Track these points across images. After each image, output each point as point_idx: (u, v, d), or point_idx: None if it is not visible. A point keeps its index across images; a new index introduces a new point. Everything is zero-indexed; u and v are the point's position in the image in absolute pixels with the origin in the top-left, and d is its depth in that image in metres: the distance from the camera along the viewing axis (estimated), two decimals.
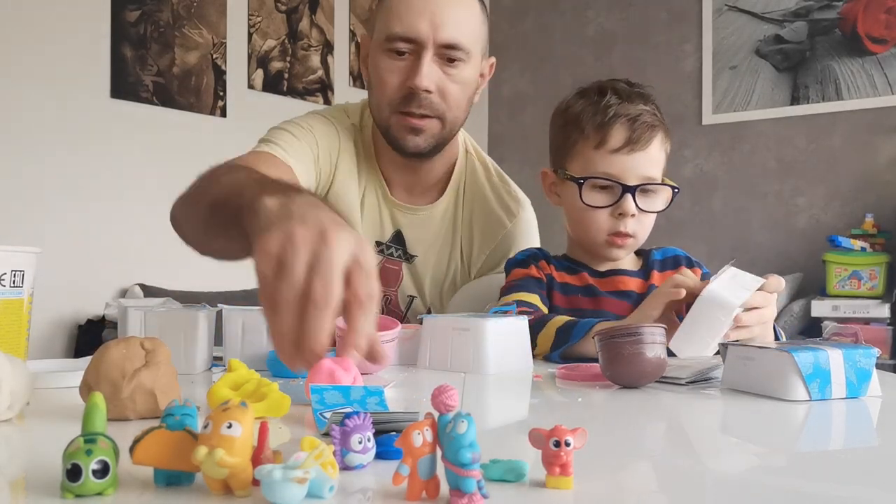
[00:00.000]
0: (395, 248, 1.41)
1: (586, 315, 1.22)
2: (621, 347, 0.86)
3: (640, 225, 1.23)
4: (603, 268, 1.28)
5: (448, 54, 1.28)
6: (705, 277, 1.26)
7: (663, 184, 1.24)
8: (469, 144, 1.50)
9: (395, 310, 1.42)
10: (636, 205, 1.21)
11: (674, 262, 1.30)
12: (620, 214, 1.21)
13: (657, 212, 1.25)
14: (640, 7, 4.54)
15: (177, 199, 1.09)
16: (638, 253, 1.32)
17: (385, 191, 1.40)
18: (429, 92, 1.28)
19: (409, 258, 1.42)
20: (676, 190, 1.25)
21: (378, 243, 1.41)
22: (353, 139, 1.40)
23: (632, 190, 1.20)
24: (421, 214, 1.42)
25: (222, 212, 0.84)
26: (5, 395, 0.65)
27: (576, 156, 1.25)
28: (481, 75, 1.39)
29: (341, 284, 0.61)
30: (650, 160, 1.21)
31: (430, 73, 1.27)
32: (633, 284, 1.27)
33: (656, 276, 1.27)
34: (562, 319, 1.11)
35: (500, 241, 1.43)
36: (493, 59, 1.42)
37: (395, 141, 1.33)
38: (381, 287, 1.45)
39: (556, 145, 1.30)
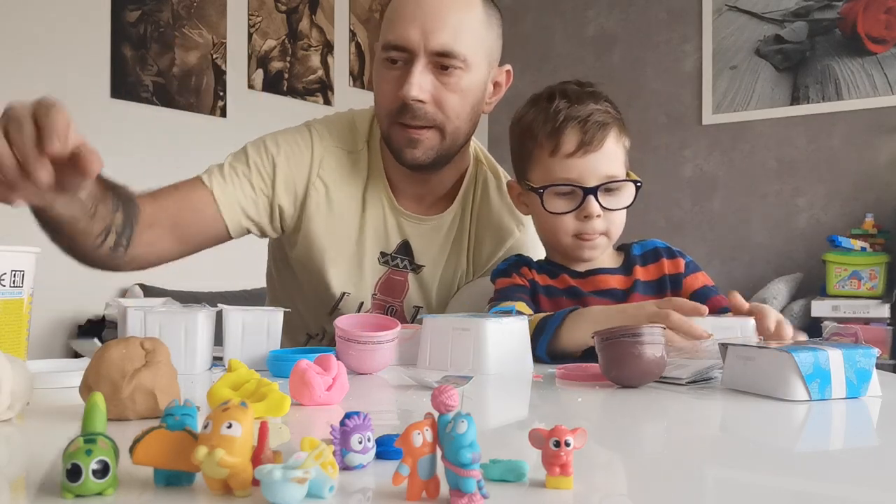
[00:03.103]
0: (401, 258, 1.38)
1: None
2: (623, 348, 0.86)
3: (609, 223, 1.22)
4: (582, 268, 1.27)
5: (441, 62, 1.24)
6: (688, 267, 1.27)
7: (624, 180, 1.23)
8: (480, 153, 1.48)
9: (401, 321, 1.40)
10: (600, 205, 1.20)
11: (654, 255, 1.29)
12: (586, 217, 1.21)
13: (624, 208, 1.24)
14: (640, 7, 4.54)
15: None
16: (619, 249, 1.31)
17: (392, 200, 1.37)
18: (422, 102, 1.24)
19: (416, 268, 1.39)
20: (639, 184, 1.24)
21: (383, 254, 1.38)
22: (350, 149, 1.37)
23: (593, 191, 1.20)
24: (429, 224, 1.39)
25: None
26: (5, 395, 0.65)
27: (534, 165, 1.25)
28: (495, 84, 1.35)
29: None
30: (607, 158, 1.21)
31: (421, 83, 1.23)
32: (615, 282, 1.26)
33: (639, 271, 1.26)
34: (538, 316, 1.12)
35: (509, 250, 1.41)
36: (507, 67, 1.37)
37: (396, 153, 1.31)
38: (386, 298, 1.43)
39: (516, 156, 1.30)
